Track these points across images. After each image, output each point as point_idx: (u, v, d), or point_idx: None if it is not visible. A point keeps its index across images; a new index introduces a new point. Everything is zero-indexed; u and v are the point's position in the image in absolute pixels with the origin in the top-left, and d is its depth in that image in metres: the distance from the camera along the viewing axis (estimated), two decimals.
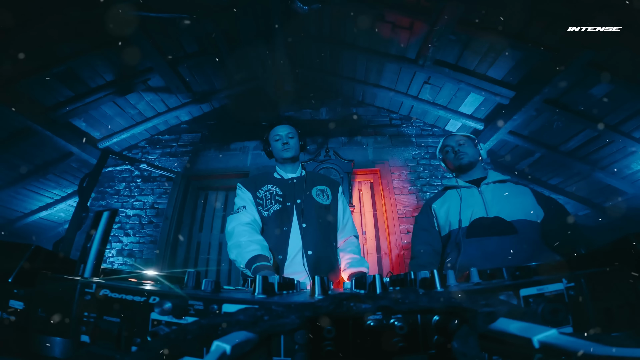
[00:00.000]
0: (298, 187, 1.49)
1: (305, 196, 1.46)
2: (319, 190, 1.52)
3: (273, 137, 1.57)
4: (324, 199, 1.49)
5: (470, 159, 1.55)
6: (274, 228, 1.37)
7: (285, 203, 1.43)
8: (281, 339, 0.32)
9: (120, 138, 3.47)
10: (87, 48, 2.51)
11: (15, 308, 0.41)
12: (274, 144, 1.57)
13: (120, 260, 3.23)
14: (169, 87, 3.13)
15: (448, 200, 1.53)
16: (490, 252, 1.28)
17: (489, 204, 1.41)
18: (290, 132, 1.57)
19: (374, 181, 3.47)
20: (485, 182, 1.50)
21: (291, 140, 1.55)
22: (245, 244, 1.24)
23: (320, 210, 1.44)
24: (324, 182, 1.58)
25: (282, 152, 1.54)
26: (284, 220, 1.38)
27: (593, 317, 0.36)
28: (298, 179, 1.54)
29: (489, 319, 0.26)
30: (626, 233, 0.42)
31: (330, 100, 3.80)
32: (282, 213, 1.40)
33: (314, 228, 1.37)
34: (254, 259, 1.18)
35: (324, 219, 1.43)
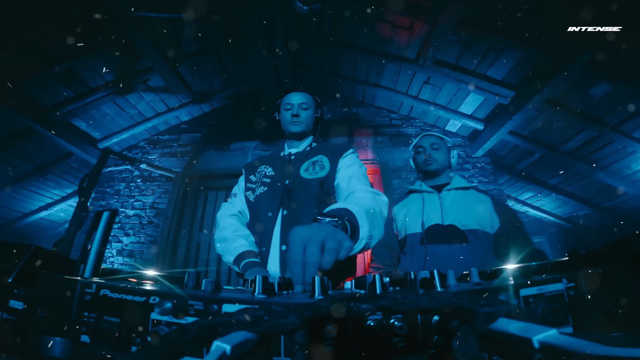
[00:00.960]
0: (292, 164, 1.23)
1: (293, 175, 1.17)
2: (311, 163, 1.20)
3: (284, 105, 1.31)
4: (314, 172, 1.17)
5: (437, 167, 1.55)
6: (258, 215, 1.14)
7: (275, 184, 1.18)
8: (281, 339, 0.32)
9: (120, 138, 3.47)
10: (87, 48, 2.51)
11: (15, 308, 0.41)
12: (283, 114, 1.31)
13: (120, 260, 3.23)
14: (169, 87, 3.13)
15: (408, 204, 1.54)
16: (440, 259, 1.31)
17: (445, 211, 1.42)
18: (305, 102, 1.29)
19: (374, 181, 3.47)
20: (447, 189, 1.50)
21: (303, 112, 1.28)
22: (231, 238, 1.10)
23: (309, 189, 1.12)
24: (322, 151, 1.24)
25: (289, 125, 1.28)
26: (269, 204, 1.14)
27: (593, 317, 0.36)
28: (298, 154, 1.27)
29: (489, 319, 0.26)
30: (626, 233, 0.42)
31: (330, 100, 3.80)
32: (268, 196, 1.16)
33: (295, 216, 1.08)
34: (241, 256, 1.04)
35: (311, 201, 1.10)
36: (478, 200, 1.44)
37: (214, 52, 2.96)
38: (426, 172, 1.57)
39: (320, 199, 1.10)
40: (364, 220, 0.75)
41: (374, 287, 0.41)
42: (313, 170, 1.18)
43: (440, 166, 1.55)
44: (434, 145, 1.58)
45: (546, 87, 2.43)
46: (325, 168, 1.17)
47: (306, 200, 1.10)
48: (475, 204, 1.42)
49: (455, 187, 1.50)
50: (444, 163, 1.56)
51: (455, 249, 1.31)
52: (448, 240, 1.34)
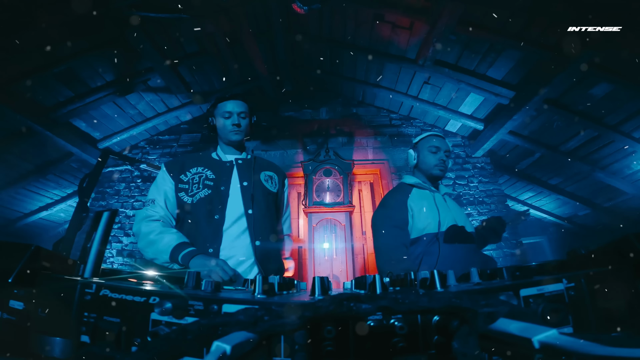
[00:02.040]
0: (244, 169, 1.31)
1: (254, 180, 1.29)
2: (268, 176, 1.37)
3: (221, 113, 1.31)
4: (272, 185, 1.35)
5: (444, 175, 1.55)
6: (201, 217, 1.17)
7: (218, 187, 1.22)
8: (281, 339, 0.32)
9: (120, 138, 3.47)
10: (87, 48, 2.51)
11: (15, 308, 0.41)
12: (221, 122, 1.32)
13: (120, 260, 3.23)
14: (169, 87, 3.13)
15: (422, 200, 1.43)
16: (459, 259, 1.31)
17: (453, 212, 1.45)
18: (243, 111, 1.32)
19: (374, 181, 3.47)
20: (445, 193, 1.54)
21: (243, 121, 1.33)
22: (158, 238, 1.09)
23: (269, 197, 1.31)
24: (271, 169, 1.43)
25: (230, 134, 1.31)
26: (214, 208, 1.18)
27: (593, 317, 0.36)
28: (244, 160, 1.35)
29: (489, 319, 0.26)
30: (626, 233, 0.42)
31: (330, 100, 3.80)
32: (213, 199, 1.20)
33: (262, 215, 1.23)
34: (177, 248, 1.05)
35: (271, 207, 1.31)
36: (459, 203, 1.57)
37: (214, 52, 2.96)
38: (432, 175, 1.50)
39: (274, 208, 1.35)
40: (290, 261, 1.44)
41: (374, 287, 0.41)
42: (271, 184, 1.36)
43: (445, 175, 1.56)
44: (446, 152, 1.53)
45: (546, 87, 2.43)
46: (277, 185, 1.39)
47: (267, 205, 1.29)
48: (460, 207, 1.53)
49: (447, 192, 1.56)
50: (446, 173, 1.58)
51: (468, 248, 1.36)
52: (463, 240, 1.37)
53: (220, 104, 1.33)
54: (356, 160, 3.36)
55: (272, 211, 1.32)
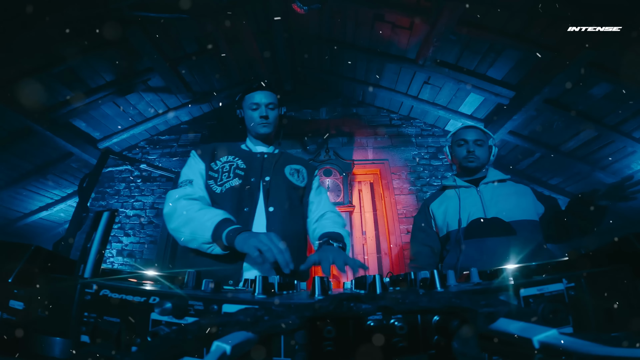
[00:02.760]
0: (268, 164, 1.21)
1: (276, 174, 1.19)
2: (294, 169, 1.25)
3: (249, 105, 1.24)
4: (298, 179, 1.23)
5: (478, 165, 1.45)
6: (228, 208, 1.04)
7: (248, 178, 1.14)
8: (281, 339, 0.32)
9: (120, 138, 3.47)
10: (87, 48, 2.51)
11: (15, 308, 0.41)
12: (249, 114, 1.25)
13: (120, 260, 3.23)
14: (169, 87, 3.13)
15: (446, 201, 1.47)
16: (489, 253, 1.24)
17: (487, 204, 1.36)
18: (272, 102, 1.25)
19: (374, 181, 3.47)
20: (484, 182, 1.44)
21: (271, 113, 1.25)
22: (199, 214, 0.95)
23: (293, 192, 1.19)
24: (299, 162, 1.32)
25: (258, 127, 1.23)
26: (244, 199, 1.10)
27: (593, 317, 0.36)
28: (270, 154, 1.26)
29: (489, 319, 0.26)
30: (626, 233, 0.42)
31: (330, 100, 3.80)
32: (242, 190, 1.10)
33: (283, 213, 1.11)
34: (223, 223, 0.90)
35: (295, 204, 1.18)
36: (518, 190, 1.39)
37: (214, 52, 2.96)
38: (465, 168, 1.48)
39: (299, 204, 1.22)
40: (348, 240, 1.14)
41: (374, 287, 0.41)
42: (297, 178, 1.24)
43: (480, 164, 1.46)
44: (478, 141, 1.46)
45: (546, 87, 2.43)
46: (305, 180, 1.27)
47: (291, 202, 1.16)
48: (515, 194, 1.37)
49: (492, 179, 1.44)
50: (484, 160, 1.47)
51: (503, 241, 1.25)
52: (494, 233, 1.28)
53: (247, 95, 1.26)
54: (356, 160, 3.36)
55: (296, 208, 1.19)
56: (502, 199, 1.36)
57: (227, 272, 0.98)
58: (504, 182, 1.45)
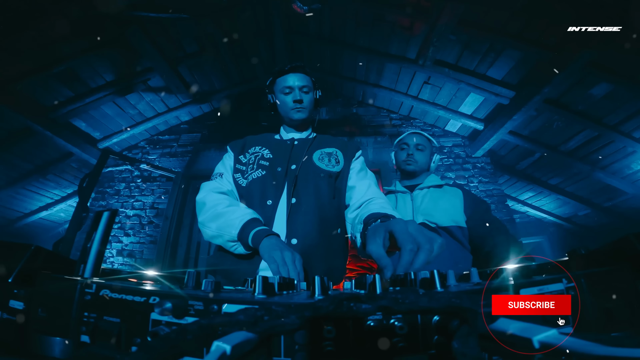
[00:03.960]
0: (298, 150, 1.10)
1: (304, 161, 1.05)
2: (325, 153, 1.10)
3: (281, 89, 1.13)
4: (330, 164, 1.07)
5: (416, 168, 1.49)
6: (252, 202, 0.99)
7: (274, 168, 1.04)
8: (281, 339, 0.32)
9: (120, 138, 3.47)
10: (87, 48, 2.51)
11: (15, 308, 0.41)
12: (282, 98, 1.13)
13: (121, 260, 3.23)
14: (169, 87, 3.13)
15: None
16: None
17: (416, 210, 1.38)
18: (306, 84, 1.12)
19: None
20: (419, 187, 1.47)
21: (305, 97, 1.13)
22: (228, 210, 0.91)
23: (323, 180, 1.03)
24: (335, 144, 1.15)
25: (291, 112, 1.12)
26: (268, 191, 1.00)
27: (593, 317, 0.36)
28: (302, 140, 1.15)
29: (489, 319, 0.26)
30: (626, 233, 0.42)
31: (330, 100, 3.80)
32: (266, 181, 1.02)
33: (307, 206, 0.97)
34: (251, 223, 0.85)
35: (326, 194, 1.01)
36: (450, 195, 1.41)
37: (214, 52, 2.96)
38: (404, 171, 1.54)
39: (332, 194, 1.02)
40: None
41: (374, 287, 0.41)
42: (329, 162, 1.07)
43: (418, 168, 1.50)
44: (419, 145, 1.51)
45: (546, 87, 2.43)
46: (340, 163, 1.09)
47: (320, 192, 1.00)
48: (446, 200, 1.39)
49: (427, 185, 1.47)
50: (423, 166, 1.51)
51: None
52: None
53: (279, 78, 1.14)
54: None
55: (325, 197, 1.01)
56: (431, 204, 1.38)
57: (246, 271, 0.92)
58: (438, 188, 1.46)
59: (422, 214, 1.36)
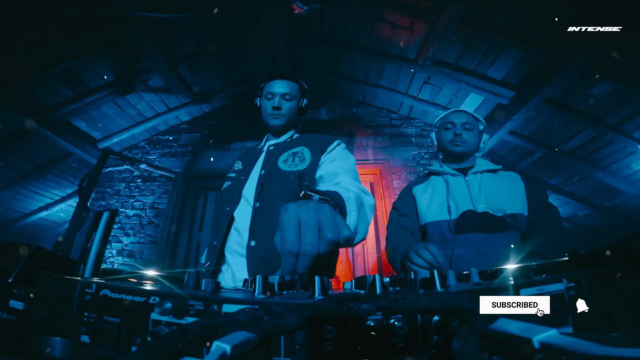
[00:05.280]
0: (269, 155, 1.13)
1: (271, 165, 1.08)
2: (291, 154, 1.09)
3: (265, 94, 1.19)
4: (293, 164, 1.06)
5: (465, 150, 1.32)
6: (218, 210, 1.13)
7: (239, 177, 1.12)
8: (281, 339, 0.32)
9: (120, 138, 3.47)
10: (87, 48, 2.51)
11: (15, 308, 0.41)
12: (264, 103, 1.19)
13: (121, 260, 3.23)
14: (169, 87, 3.13)
15: (432, 187, 1.32)
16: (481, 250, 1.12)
17: (475, 196, 1.22)
18: (288, 92, 1.17)
19: (374, 181, 3.47)
20: (472, 172, 1.29)
21: (286, 104, 1.17)
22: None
23: (285, 181, 1.02)
24: (304, 142, 1.13)
25: (269, 118, 1.18)
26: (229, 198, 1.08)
27: (593, 317, 0.36)
28: (277, 145, 1.17)
29: (489, 319, 0.26)
30: (626, 233, 0.42)
31: (330, 100, 3.80)
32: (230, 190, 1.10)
33: (270, 208, 0.97)
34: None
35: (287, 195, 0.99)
36: (509, 180, 1.26)
37: (214, 52, 2.96)
38: (451, 153, 1.34)
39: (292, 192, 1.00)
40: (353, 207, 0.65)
41: (374, 287, 0.41)
42: (292, 162, 1.06)
43: (468, 149, 1.32)
44: (466, 124, 1.33)
45: (546, 87, 2.43)
46: (306, 160, 1.05)
47: (282, 194, 0.99)
48: (508, 185, 1.24)
49: (481, 169, 1.29)
50: (472, 147, 1.33)
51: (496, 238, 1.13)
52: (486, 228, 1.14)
53: (267, 83, 1.21)
54: (356, 160, 3.35)
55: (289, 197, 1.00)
56: (493, 191, 1.22)
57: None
58: (493, 173, 1.30)
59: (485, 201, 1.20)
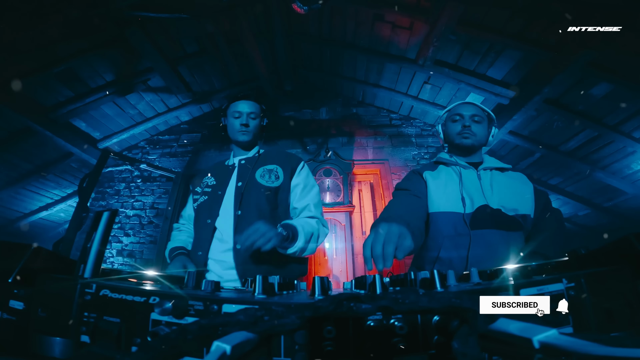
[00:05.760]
0: (244, 169, 1.29)
1: (248, 178, 1.24)
2: (266, 170, 1.28)
3: (232, 112, 1.34)
4: (270, 180, 1.25)
5: (474, 142, 1.26)
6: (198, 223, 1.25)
7: (215, 192, 1.25)
8: (281, 339, 0.32)
9: (120, 138, 3.47)
10: (87, 48, 2.51)
11: (15, 308, 0.41)
12: (231, 122, 1.34)
13: (121, 260, 3.23)
14: (169, 87, 3.13)
15: (444, 176, 1.24)
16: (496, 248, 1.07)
17: (487, 192, 1.17)
18: (253, 111, 1.34)
19: (374, 181, 3.47)
20: (483, 167, 1.25)
21: (252, 122, 1.33)
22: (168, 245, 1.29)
23: (264, 194, 1.20)
24: (276, 161, 1.32)
25: (238, 134, 1.32)
26: (208, 212, 1.21)
27: (593, 317, 0.36)
28: (248, 159, 1.33)
29: (489, 319, 0.26)
30: (626, 233, 0.42)
31: (330, 100, 3.80)
32: (208, 204, 1.23)
33: (250, 216, 1.15)
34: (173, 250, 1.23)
35: (266, 206, 1.19)
36: (519, 181, 1.24)
37: (214, 52, 2.96)
38: (459, 145, 1.29)
39: (274, 205, 1.22)
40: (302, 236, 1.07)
41: (374, 287, 0.41)
42: (269, 179, 1.25)
43: (477, 142, 1.27)
44: (475, 117, 1.28)
45: (546, 87, 2.43)
46: (280, 179, 1.26)
47: (261, 204, 1.19)
48: (518, 185, 1.21)
49: (491, 166, 1.26)
50: (482, 140, 1.28)
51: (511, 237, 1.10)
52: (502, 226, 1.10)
53: (232, 104, 1.36)
54: (356, 160, 3.36)
55: (265, 209, 1.19)
56: (505, 189, 1.19)
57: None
58: (502, 172, 1.28)
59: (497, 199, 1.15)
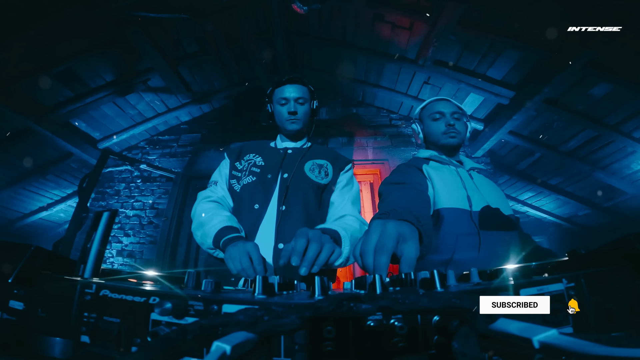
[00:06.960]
0: (291, 159, 1.14)
1: (295, 170, 1.10)
2: (316, 164, 1.14)
3: (278, 99, 1.20)
4: (319, 176, 1.12)
5: (459, 141, 1.23)
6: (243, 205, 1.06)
7: (264, 175, 1.09)
8: (281, 339, 0.32)
9: (120, 138, 3.47)
10: (87, 48, 2.51)
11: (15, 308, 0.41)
12: (278, 109, 1.20)
13: (120, 260, 3.23)
14: (169, 87, 3.13)
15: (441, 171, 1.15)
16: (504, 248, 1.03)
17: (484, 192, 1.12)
18: (301, 96, 1.19)
19: (374, 181, 3.47)
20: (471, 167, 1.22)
21: (301, 108, 1.19)
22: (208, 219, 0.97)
23: (312, 190, 1.08)
24: (326, 157, 1.19)
25: (286, 123, 1.18)
26: (257, 195, 1.05)
27: (593, 317, 0.36)
28: (296, 150, 1.19)
29: (489, 319, 0.26)
30: (626, 233, 0.42)
31: (330, 100, 3.80)
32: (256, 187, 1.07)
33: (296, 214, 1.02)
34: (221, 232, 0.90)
35: (313, 204, 1.07)
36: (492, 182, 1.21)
37: (214, 52, 2.96)
38: (445, 145, 1.22)
39: (318, 205, 1.09)
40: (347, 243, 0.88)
41: (374, 287, 0.41)
42: (319, 174, 1.13)
43: (461, 141, 1.24)
44: (455, 114, 1.25)
45: (546, 87, 2.43)
46: (329, 176, 1.14)
47: (307, 202, 1.06)
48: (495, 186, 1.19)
49: (474, 167, 1.23)
50: (463, 137, 1.26)
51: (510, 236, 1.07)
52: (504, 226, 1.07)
53: (277, 89, 1.22)
54: (356, 161, 3.35)
55: (312, 207, 1.06)
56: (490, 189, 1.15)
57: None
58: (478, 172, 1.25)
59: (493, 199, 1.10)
